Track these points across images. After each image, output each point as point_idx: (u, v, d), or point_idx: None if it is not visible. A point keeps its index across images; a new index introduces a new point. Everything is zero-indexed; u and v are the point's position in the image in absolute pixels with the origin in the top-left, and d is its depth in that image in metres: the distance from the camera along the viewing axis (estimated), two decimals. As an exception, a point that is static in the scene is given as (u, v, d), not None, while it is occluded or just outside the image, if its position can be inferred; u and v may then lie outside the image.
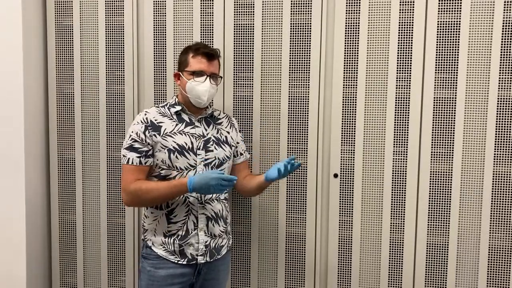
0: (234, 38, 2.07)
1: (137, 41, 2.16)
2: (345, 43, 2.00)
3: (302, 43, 2.03)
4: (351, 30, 2.00)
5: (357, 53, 1.99)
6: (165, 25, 2.12)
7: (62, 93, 2.24)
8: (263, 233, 2.12)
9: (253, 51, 2.06)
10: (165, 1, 2.11)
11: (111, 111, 2.19)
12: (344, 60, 2.01)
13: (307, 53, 2.03)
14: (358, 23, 1.98)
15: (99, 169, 2.22)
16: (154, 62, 2.14)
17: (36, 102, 2.21)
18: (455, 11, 1.92)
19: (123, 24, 2.16)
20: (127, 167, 1.71)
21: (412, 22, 1.95)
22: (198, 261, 1.74)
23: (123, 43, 2.16)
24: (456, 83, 1.94)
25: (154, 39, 2.14)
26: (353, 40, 2.00)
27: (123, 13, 2.15)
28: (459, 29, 1.92)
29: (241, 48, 2.07)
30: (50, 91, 2.25)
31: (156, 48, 2.14)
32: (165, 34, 2.13)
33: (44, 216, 2.29)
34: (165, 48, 2.13)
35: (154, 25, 2.13)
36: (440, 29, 1.94)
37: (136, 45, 2.15)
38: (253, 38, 2.06)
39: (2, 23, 2.11)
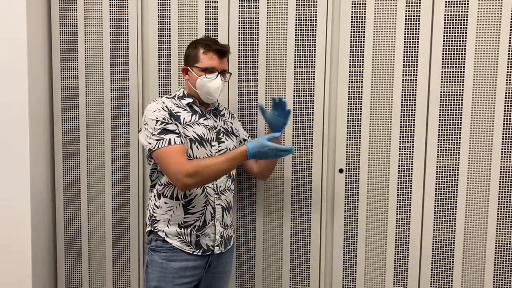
0: (239, 32, 2.06)
1: (142, 34, 2.15)
2: (351, 37, 1.98)
3: (308, 37, 2.01)
4: (357, 24, 1.97)
5: (363, 47, 1.97)
6: (170, 18, 2.11)
7: (67, 87, 2.24)
8: (268, 228, 2.11)
9: (258, 44, 2.05)
10: (169, -6, 2.10)
11: (115, 105, 2.19)
12: (350, 55, 1.99)
13: (312, 47, 2.01)
14: (364, 16, 1.96)
15: (104, 163, 2.21)
16: (159, 55, 2.13)
17: (40, 96, 2.21)
18: (462, 3, 1.89)
19: (127, 17, 2.15)
20: (170, 149, 1.62)
21: (419, 15, 1.92)
22: (214, 251, 1.76)
23: (128, 36, 2.15)
24: (463, 77, 1.92)
25: (158, 32, 2.13)
26: (359, 34, 1.98)
27: (127, 5, 2.14)
28: (466, 22, 1.90)
29: (246, 42, 2.06)
30: (54, 85, 2.24)
31: (161, 41, 2.13)
32: (170, 27, 2.11)
33: (49, 210, 2.30)
34: (170, 41, 2.12)
35: (158, 18, 2.12)
36: (447, 22, 1.91)
37: (140, 38, 2.14)
38: (258, 32, 2.04)
39: (6, 16, 2.10)
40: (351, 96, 2.00)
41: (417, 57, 1.94)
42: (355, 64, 1.99)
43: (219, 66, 1.75)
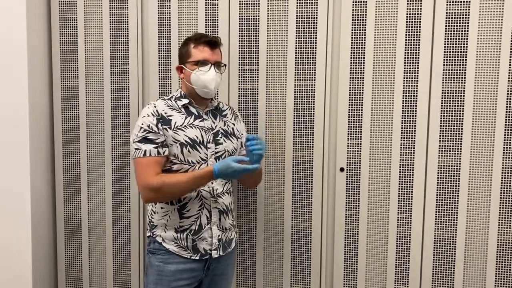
0: (239, 31, 2.05)
1: (142, 34, 2.14)
2: (352, 36, 1.98)
3: (308, 36, 2.01)
4: (358, 23, 1.97)
5: (364, 46, 1.97)
6: (170, 17, 2.11)
7: (67, 87, 2.24)
8: (269, 227, 2.11)
9: (258, 44, 2.04)
10: (169, -7, 2.10)
11: (115, 105, 2.18)
12: (351, 54, 1.98)
13: (313, 46, 2.00)
14: (365, 15, 1.96)
15: (104, 163, 2.21)
16: (159, 55, 2.13)
17: (41, 97, 2.20)
18: (464, 1, 1.89)
19: (127, 17, 2.14)
20: (143, 161, 1.64)
21: (420, 14, 1.92)
22: (212, 255, 1.74)
23: (127, 36, 2.15)
24: (465, 75, 1.91)
25: (158, 32, 2.12)
26: (360, 33, 1.97)
27: (127, 5, 2.14)
28: (468, 20, 1.89)
29: (247, 41, 2.05)
30: (54, 85, 2.24)
31: (161, 41, 2.12)
32: (170, 27, 2.11)
33: (49, 210, 2.29)
34: (170, 41, 2.11)
35: (158, 17, 2.12)
36: (449, 20, 1.91)
37: (140, 38, 2.14)
38: (258, 31, 2.04)
39: (7, 17, 2.10)
40: (352, 95, 2.00)
41: (418, 56, 1.94)
42: (356, 64, 1.98)
43: (212, 57, 1.72)
